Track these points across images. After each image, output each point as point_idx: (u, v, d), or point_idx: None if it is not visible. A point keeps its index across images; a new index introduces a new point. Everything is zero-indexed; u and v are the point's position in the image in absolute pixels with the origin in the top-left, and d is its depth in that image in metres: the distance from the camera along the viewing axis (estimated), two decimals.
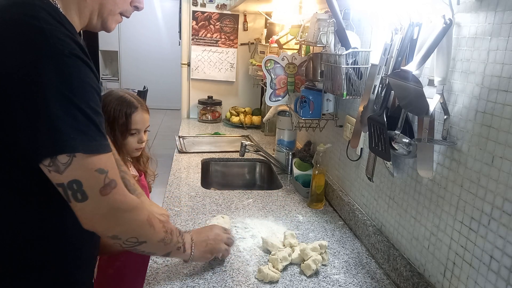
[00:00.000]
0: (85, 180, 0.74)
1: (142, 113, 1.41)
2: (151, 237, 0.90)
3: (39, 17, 0.72)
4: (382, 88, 1.06)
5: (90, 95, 0.75)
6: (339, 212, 1.53)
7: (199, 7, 2.93)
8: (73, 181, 0.73)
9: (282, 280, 1.08)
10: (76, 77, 0.72)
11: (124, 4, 0.89)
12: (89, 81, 0.75)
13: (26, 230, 0.82)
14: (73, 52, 0.72)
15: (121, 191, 0.80)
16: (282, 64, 1.79)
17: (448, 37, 0.87)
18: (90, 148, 0.74)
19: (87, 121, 0.73)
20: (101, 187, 0.75)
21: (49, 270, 0.87)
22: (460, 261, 0.86)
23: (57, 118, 0.70)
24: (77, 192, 0.74)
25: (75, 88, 0.72)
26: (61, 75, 0.70)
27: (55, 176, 0.73)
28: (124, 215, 0.82)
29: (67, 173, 0.72)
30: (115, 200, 0.79)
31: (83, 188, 0.74)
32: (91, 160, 0.74)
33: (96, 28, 0.89)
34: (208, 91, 3.10)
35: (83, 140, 0.73)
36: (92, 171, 0.74)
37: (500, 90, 0.76)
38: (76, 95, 0.72)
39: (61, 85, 0.70)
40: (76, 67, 0.73)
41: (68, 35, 0.74)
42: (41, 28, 0.71)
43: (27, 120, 0.70)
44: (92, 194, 0.75)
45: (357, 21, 1.39)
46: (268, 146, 2.39)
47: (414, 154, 0.98)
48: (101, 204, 0.77)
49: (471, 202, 0.83)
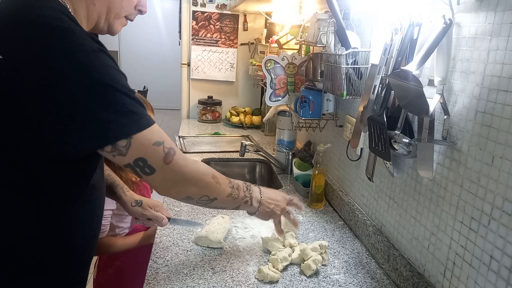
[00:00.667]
0: (148, 155, 0.80)
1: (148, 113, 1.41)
2: (220, 193, 0.97)
3: (62, 19, 0.74)
4: (382, 88, 1.06)
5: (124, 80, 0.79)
6: (339, 212, 1.53)
7: (199, 7, 2.93)
8: (138, 159, 0.80)
9: (282, 280, 1.08)
10: (110, 67, 0.76)
11: (129, 7, 0.91)
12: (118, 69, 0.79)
13: (26, 230, 0.82)
14: (100, 48, 0.76)
15: (181, 156, 0.87)
16: (282, 64, 1.79)
17: (448, 37, 0.87)
18: (141, 126, 0.79)
19: (132, 101, 0.78)
20: (163, 157, 0.82)
21: (50, 270, 0.87)
22: (460, 261, 0.86)
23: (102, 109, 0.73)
24: (144, 168, 0.81)
25: (112, 76, 0.75)
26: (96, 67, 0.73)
27: (120, 159, 0.79)
28: (191, 177, 0.90)
29: (130, 154, 0.78)
30: (179, 165, 0.86)
31: (149, 163, 0.81)
32: (146, 137, 0.79)
33: (103, 31, 0.91)
34: (208, 91, 3.10)
35: (135, 121, 0.78)
36: (151, 146, 0.80)
37: (500, 90, 0.76)
38: (115, 82, 0.76)
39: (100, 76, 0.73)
40: (106, 59, 0.76)
41: (88, 34, 0.76)
42: (68, 29, 0.73)
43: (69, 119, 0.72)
44: (158, 166, 0.82)
45: (357, 21, 1.39)
46: (268, 146, 2.39)
47: (414, 154, 0.98)
48: (168, 172, 0.85)
49: (471, 202, 0.83)
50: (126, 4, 0.89)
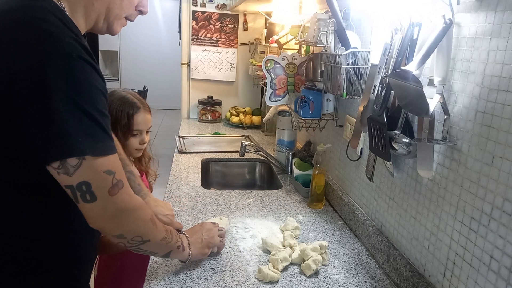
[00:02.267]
0: (94, 181, 0.76)
1: (145, 114, 1.40)
2: (154, 236, 0.92)
3: (47, 20, 0.72)
4: (382, 88, 1.06)
5: (97, 97, 0.76)
6: (339, 212, 1.53)
7: (199, 7, 2.93)
8: (82, 182, 0.75)
9: (282, 280, 1.08)
10: (83, 80, 0.73)
11: (130, 8, 0.90)
12: (95, 83, 0.76)
13: (27, 231, 0.82)
14: (80, 55, 0.73)
15: (128, 191, 0.83)
16: (282, 64, 1.79)
17: (448, 37, 0.87)
18: (97, 151, 0.75)
19: (94, 124, 0.74)
20: (109, 187, 0.78)
21: (50, 271, 0.87)
22: (460, 261, 0.86)
23: (64, 121, 0.71)
24: (86, 193, 0.76)
25: (82, 91, 0.73)
26: (69, 78, 0.71)
27: (64, 178, 0.74)
28: (130, 214, 0.84)
29: (77, 175, 0.74)
30: (123, 200, 0.81)
31: (92, 189, 0.76)
32: (99, 162, 0.75)
33: (102, 31, 0.90)
34: (208, 91, 3.10)
35: (89, 143, 0.74)
36: (101, 173, 0.76)
37: (500, 90, 0.76)
38: (83, 98, 0.73)
39: (68, 88, 0.71)
40: (83, 70, 0.73)
41: (74, 38, 0.74)
42: (48, 31, 0.71)
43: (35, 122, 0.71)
44: (101, 195, 0.77)
45: (357, 21, 1.38)
46: (268, 146, 2.39)
47: (414, 154, 0.98)
48: (109, 204, 0.79)
49: (471, 202, 0.83)
50: (126, 4, 0.88)
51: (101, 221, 0.81)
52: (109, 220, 0.81)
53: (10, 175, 0.78)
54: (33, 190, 0.80)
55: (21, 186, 0.79)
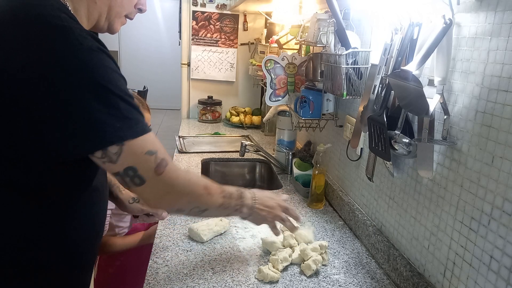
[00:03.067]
0: (138, 164, 0.77)
1: (144, 113, 1.40)
2: (211, 204, 0.94)
3: (61, 17, 0.72)
4: (382, 88, 1.06)
5: (122, 83, 0.77)
6: (339, 212, 1.53)
7: (199, 7, 2.93)
8: (128, 168, 0.76)
9: (282, 280, 1.08)
10: (108, 68, 0.74)
11: (130, 6, 0.91)
12: (118, 70, 0.77)
13: (28, 232, 0.82)
14: (99, 47, 0.74)
15: (173, 167, 0.83)
16: (282, 64, 1.79)
17: (448, 37, 0.87)
18: (135, 132, 0.76)
19: (128, 106, 0.76)
20: (154, 168, 0.79)
21: (51, 271, 0.87)
22: (460, 261, 0.86)
23: (98, 110, 0.71)
24: (134, 177, 0.77)
25: (110, 78, 0.74)
26: (95, 68, 0.72)
27: (110, 166, 0.75)
28: (182, 189, 0.86)
29: (121, 161, 0.75)
30: (171, 177, 0.82)
31: (139, 173, 0.77)
32: (139, 144, 0.76)
33: (103, 30, 0.91)
34: (208, 91, 3.10)
35: (129, 126, 0.75)
36: (143, 155, 0.77)
37: (500, 90, 0.76)
38: (113, 85, 0.74)
39: (98, 78, 0.72)
40: (106, 59, 0.75)
41: (88, 33, 0.75)
42: (67, 27, 0.71)
43: (64, 118, 0.71)
44: (148, 176, 0.79)
45: (357, 21, 1.39)
46: (268, 146, 2.39)
47: (414, 154, 0.98)
48: (159, 183, 0.81)
49: (471, 202, 0.83)
50: (126, 3, 0.89)
51: (156, 200, 0.83)
52: (163, 199, 0.84)
53: (10, 176, 0.78)
54: (34, 192, 0.80)
55: (22, 188, 0.79)
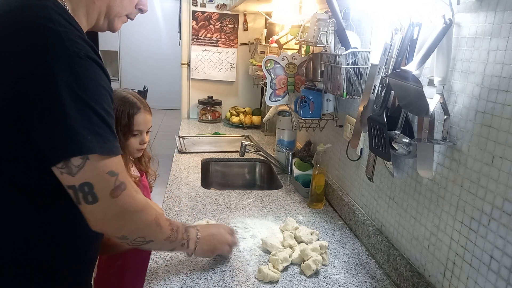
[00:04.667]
0: (96, 182, 0.75)
1: (145, 114, 1.40)
2: (158, 236, 0.91)
3: (53, 19, 0.72)
4: (382, 88, 1.06)
5: (103, 97, 0.75)
6: (339, 212, 1.53)
7: (199, 7, 2.93)
8: (84, 183, 0.74)
9: (282, 280, 1.08)
10: (91, 79, 0.73)
11: (130, 6, 0.91)
12: (102, 83, 0.76)
13: (29, 231, 0.82)
14: (88, 54, 0.73)
15: (130, 193, 0.81)
16: (282, 64, 1.79)
17: (448, 37, 0.87)
18: (104, 150, 0.74)
19: (101, 123, 0.74)
20: (111, 189, 0.76)
21: (53, 271, 0.87)
22: (460, 261, 0.86)
23: (72, 119, 0.70)
24: (88, 195, 0.74)
25: (89, 89, 0.72)
26: (76, 76, 0.71)
27: (67, 178, 0.73)
28: (133, 216, 0.83)
29: (80, 175, 0.73)
30: (125, 202, 0.79)
31: (94, 191, 0.75)
32: (103, 163, 0.74)
33: (103, 29, 0.91)
34: (208, 91, 3.10)
35: (98, 142, 0.73)
36: (104, 174, 0.75)
37: (500, 90, 0.76)
38: (91, 97, 0.72)
39: (77, 86, 0.71)
40: (91, 69, 0.73)
41: (80, 37, 0.74)
42: (56, 31, 0.71)
43: (43, 122, 0.71)
44: (103, 196, 0.76)
45: (357, 21, 1.39)
46: (268, 146, 2.39)
47: (414, 154, 0.98)
48: (111, 206, 0.78)
49: (471, 202, 0.83)
50: (127, 3, 0.89)
51: (103, 223, 0.80)
52: (111, 222, 0.80)
53: (11, 176, 0.78)
54: (35, 191, 0.80)
55: (23, 187, 0.79)
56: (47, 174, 0.77)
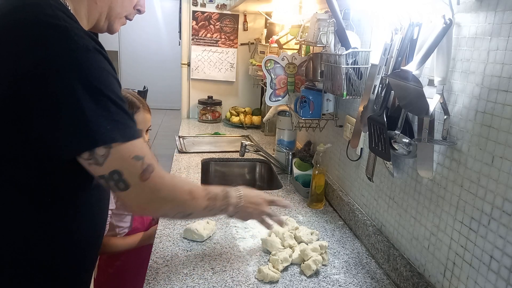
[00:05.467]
0: (124, 169, 0.76)
1: (144, 113, 1.40)
2: (196, 208, 0.94)
3: (59, 16, 0.73)
4: (382, 88, 1.06)
5: (115, 86, 0.77)
6: (339, 212, 1.53)
7: (199, 7, 2.93)
8: (113, 171, 0.75)
9: (282, 280, 1.08)
10: (103, 70, 0.74)
11: (130, 7, 0.91)
12: (112, 73, 0.78)
13: (29, 231, 0.82)
14: (96, 47, 0.74)
15: (160, 174, 0.82)
16: (282, 64, 1.79)
17: (448, 37, 0.87)
18: (125, 136, 0.75)
19: (119, 110, 0.75)
20: (140, 173, 0.78)
21: (53, 271, 0.87)
22: (460, 261, 0.86)
23: (90, 110, 0.71)
24: (119, 182, 0.76)
25: (103, 80, 0.74)
26: (89, 68, 0.72)
27: (96, 169, 0.75)
28: (166, 195, 0.85)
29: (107, 164, 0.74)
30: (156, 183, 0.81)
31: (124, 177, 0.76)
32: (127, 148, 0.76)
33: (102, 30, 0.91)
34: (208, 91, 3.10)
35: (119, 129, 0.75)
36: (130, 159, 0.76)
37: (500, 90, 0.76)
38: (105, 86, 0.74)
39: (91, 78, 0.72)
40: (101, 61, 0.75)
41: (86, 32, 0.75)
42: (63, 26, 0.72)
43: (57, 116, 0.71)
44: (133, 182, 0.78)
45: (357, 21, 1.39)
46: (268, 146, 2.39)
47: (414, 154, 0.98)
48: (144, 189, 0.80)
49: (471, 202, 0.83)
50: (127, 3, 0.90)
51: (140, 206, 0.83)
52: (148, 205, 0.83)
53: (12, 176, 0.78)
54: (35, 191, 0.80)
55: (24, 187, 0.79)
56: (47, 174, 0.77)
